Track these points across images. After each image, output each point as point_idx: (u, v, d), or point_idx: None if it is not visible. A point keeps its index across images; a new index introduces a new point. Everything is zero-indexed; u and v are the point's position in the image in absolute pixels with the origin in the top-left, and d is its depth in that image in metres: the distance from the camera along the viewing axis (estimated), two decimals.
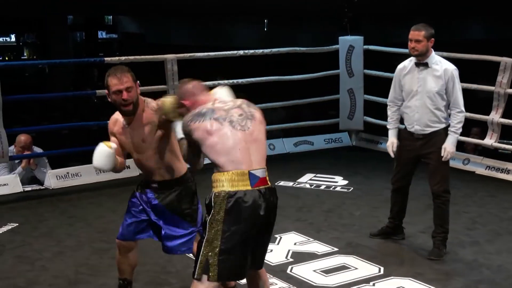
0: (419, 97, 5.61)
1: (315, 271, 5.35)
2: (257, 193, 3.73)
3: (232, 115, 3.79)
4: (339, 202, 7.28)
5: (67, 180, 8.06)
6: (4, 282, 5.23)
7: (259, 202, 3.72)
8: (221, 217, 3.69)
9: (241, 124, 3.77)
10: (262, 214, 3.73)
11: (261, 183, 3.77)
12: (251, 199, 3.70)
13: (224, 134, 3.73)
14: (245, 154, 3.75)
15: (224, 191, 3.70)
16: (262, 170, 3.80)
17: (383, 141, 9.69)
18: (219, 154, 3.74)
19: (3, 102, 7.55)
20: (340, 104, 9.92)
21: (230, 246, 3.69)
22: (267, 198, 3.77)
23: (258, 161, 3.81)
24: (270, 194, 3.81)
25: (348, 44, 9.67)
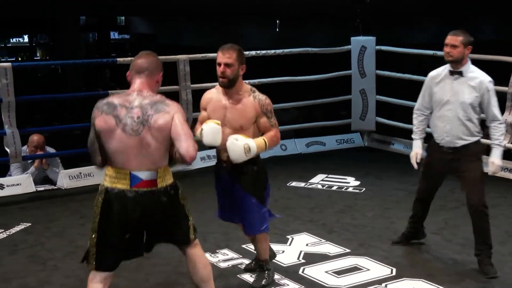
0: (451, 107, 5.26)
1: (327, 272, 5.34)
2: (134, 194, 3.86)
3: (129, 117, 3.84)
4: (351, 203, 7.27)
5: (80, 180, 8.08)
6: (17, 281, 5.24)
7: (132, 204, 3.86)
8: (98, 208, 3.91)
9: (134, 129, 3.84)
10: (135, 215, 3.86)
11: (142, 185, 3.87)
12: (123, 201, 3.86)
13: (115, 135, 3.85)
14: (131, 156, 3.86)
15: (103, 185, 3.94)
16: (148, 173, 3.88)
17: (395, 141, 9.68)
18: (109, 150, 3.90)
19: (16, 102, 7.58)
20: (352, 104, 9.91)
21: (104, 239, 3.89)
22: (145, 201, 3.87)
23: (145, 164, 3.87)
24: (151, 196, 3.88)
25: (360, 44, 9.65)
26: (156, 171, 3.90)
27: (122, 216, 3.88)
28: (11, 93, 7.49)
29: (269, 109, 4.84)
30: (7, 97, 7.48)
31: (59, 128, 9.92)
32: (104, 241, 3.91)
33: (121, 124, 3.84)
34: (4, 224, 6.66)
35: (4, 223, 6.68)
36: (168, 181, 3.98)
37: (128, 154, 3.85)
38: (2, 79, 7.43)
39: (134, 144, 3.84)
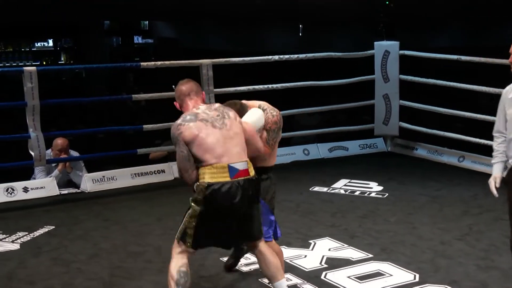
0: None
1: (350, 277, 5.32)
2: (235, 183, 4.29)
3: (211, 117, 4.37)
4: (374, 208, 7.24)
5: (103, 184, 8.13)
6: (41, 284, 5.28)
7: (234, 192, 4.29)
8: (200, 201, 4.30)
9: (219, 123, 4.36)
10: (235, 202, 4.29)
11: (240, 174, 4.32)
12: (226, 189, 4.28)
13: (207, 133, 4.31)
14: (224, 149, 4.32)
15: (204, 182, 4.29)
16: (243, 163, 4.35)
17: (418, 147, 9.64)
18: (204, 151, 4.31)
19: (41, 106, 7.63)
20: (375, 109, 9.88)
21: (204, 225, 4.34)
22: (245, 189, 4.32)
23: (238, 155, 4.36)
24: (248, 184, 4.34)
25: (383, 49, 9.62)
26: (247, 162, 4.39)
27: (224, 205, 4.31)
28: (36, 96, 7.54)
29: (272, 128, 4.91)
30: (32, 100, 7.53)
31: (83, 132, 9.95)
32: (203, 227, 4.35)
33: (208, 123, 4.35)
34: (28, 226, 6.71)
35: (28, 226, 6.73)
36: (253, 171, 4.44)
37: (223, 146, 4.33)
38: (27, 83, 7.48)
39: (224, 135, 4.34)
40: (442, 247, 5.96)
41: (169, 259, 5.55)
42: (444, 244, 6.03)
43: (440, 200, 7.51)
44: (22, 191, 7.78)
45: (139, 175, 8.40)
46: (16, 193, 7.74)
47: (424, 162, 9.36)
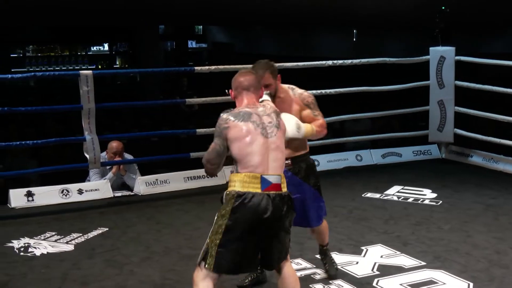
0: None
1: (402, 284, 5.26)
2: (265, 196, 4.03)
3: (263, 122, 4.14)
4: (427, 215, 7.16)
5: (156, 187, 8.19)
6: (94, 285, 5.34)
7: (265, 205, 4.01)
8: (227, 213, 4.03)
9: (268, 131, 4.13)
10: (266, 217, 4.01)
11: (272, 188, 4.06)
12: (257, 201, 4.01)
13: (252, 138, 4.08)
14: (263, 159, 4.08)
15: (234, 190, 4.05)
16: (277, 177, 4.10)
17: (473, 154, 9.50)
18: (244, 156, 4.08)
19: (96, 109, 7.72)
20: (430, 115, 9.77)
21: (229, 242, 4.02)
22: (276, 203, 4.04)
23: (274, 168, 4.11)
24: (280, 200, 4.07)
25: (439, 54, 9.51)
26: (281, 176, 4.14)
27: (253, 218, 4.03)
28: (92, 100, 7.63)
29: (310, 101, 5.08)
30: (88, 104, 7.63)
31: (137, 135, 10.05)
32: (227, 245, 4.04)
33: (258, 128, 4.12)
34: (82, 228, 6.80)
35: (82, 228, 6.82)
36: (285, 187, 4.19)
37: (262, 156, 4.09)
38: (83, 86, 7.59)
39: (268, 145, 4.11)
40: (497, 256, 5.86)
41: None
42: (500, 253, 5.93)
43: (496, 209, 7.39)
44: (77, 193, 7.89)
45: (192, 179, 8.45)
46: (71, 195, 7.85)
47: (479, 169, 9.22)
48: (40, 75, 8.37)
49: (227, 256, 4.04)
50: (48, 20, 17.30)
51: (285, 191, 4.14)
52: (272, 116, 4.21)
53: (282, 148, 4.19)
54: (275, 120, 4.20)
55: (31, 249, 6.20)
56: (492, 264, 5.68)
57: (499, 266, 5.65)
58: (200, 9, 15.67)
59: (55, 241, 6.44)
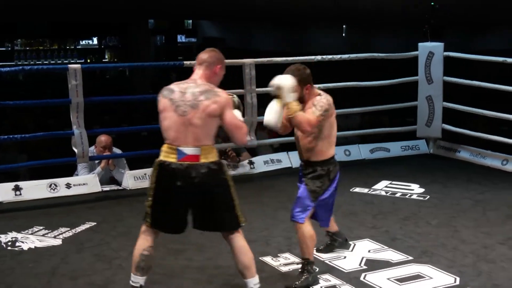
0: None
1: (389, 279, 5.29)
2: (178, 165, 4.43)
3: (183, 99, 4.45)
4: (415, 210, 7.19)
5: (145, 181, 8.16)
6: (83, 279, 5.34)
7: (178, 174, 4.43)
8: (153, 178, 4.56)
9: (183, 110, 4.42)
10: (179, 184, 4.43)
11: (187, 159, 4.43)
12: (171, 170, 4.45)
13: (166, 114, 4.47)
14: (179, 134, 4.43)
15: (158, 159, 4.53)
16: (193, 149, 4.43)
17: (461, 149, 9.54)
18: (163, 129, 4.51)
19: (85, 103, 7.71)
20: (418, 111, 9.80)
21: (157, 204, 4.55)
22: (187, 172, 4.42)
23: (190, 141, 4.43)
24: (193, 169, 4.43)
25: (428, 50, 9.54)
26: (200, 149, 4.44)
27: (170, 185, 4.47)
28: (80, 94, 7.62)
29: (316, 103, 5.12)
30: (76, 98, 7.61)
31: (126, 130, 10.04)
32: (158, 205, 4.56)
33: (173, 105, 4.45)
34: (70, 223, 6.79)
35: (71, 222, 6.81)
36: (211, 159, 4.48)
37: (177, 131, 4.44)
38: (72, 80, 7.57)
39: (182, 122, 4.42)
40: (485, 251, 5.90)
41: (209, 257, 5.60)
42: (487, 248, 5.97)
43: (483, 204, 7.43)
44: (65, 187, 7.87)
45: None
46: (59, 189, 7.83)
47: (467, 164, 9.26)
48: (29, 69, 8.35)
49: (158, 215, 4.57)
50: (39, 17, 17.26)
51: (204, 162, 4.44)
52: (197, 94, 4.45)
53: (198, 124, 4.41)
54: (196, 100, 4.43)
55: (18, 243, 6.19)
56: (480, 259, 5.71)
57: (486, 261, 5.68)
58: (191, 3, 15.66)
59: (43, 235, 6.43)
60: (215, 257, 5.76)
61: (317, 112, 5.06)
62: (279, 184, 8.22)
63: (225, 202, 4.56)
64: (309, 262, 5.19)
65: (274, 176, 8.70)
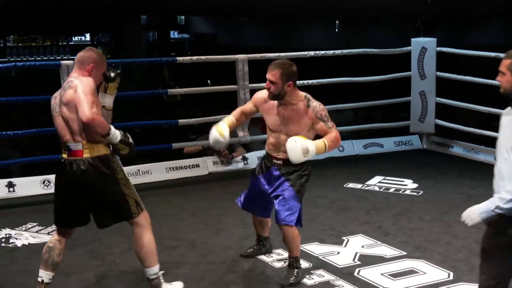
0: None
1: (383, 274, 5.30)
2: (66, 161, 4.59)
3: (55, 103, 4.66)
4: (408, 206, 7.21)
5: (138, 178, 8.17)
6: (76, 276, 5.34)
7: (64, 169, 4.60)
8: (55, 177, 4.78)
9: (56, 110, 4.62)
10: (64, 178, 4.62)
11: (72, 154, 4.56)
12: (61, 165, 4.64)
13: (53, 113, 4.67)
14: (64, 131, 4.58)
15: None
16: (76, 144, 4.55)
17: (454, 144, 9.56)
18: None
19: None
20: (411, 106, 9.81)
21: (56, 199, 4.74)
22: (69, 167, 4.55)
23: (73, 136, 4.55)
24: (75, 163, 4.54)
25: (420, 46, 9.55)
26: (81, 143, 4.54)
27: (60, 181, 4.68)
28: None
29: (323, 114, 5.06)
30: None
31: (119, 126, 9.99)
32: (57, 203, 4.75)
33: (52, 110, 4.68)
34: None
35: None
36: (95, 153, 4.57)
37: (61, 129, 4.60)
38: (65, 76, 7.56)
39: (60, 120, 4.59)
40: (477, 246, 5.87)
41: (202, 253, 5.60)
42: (479, 243, 5.97)
43: (476, 199, 7.36)
44: None
45: (174, 169, 8.44)
46: (52, 185, 7.80)
47: (460, 160, 9.27)
48: (21, 65, 8.37)
49: (58, 211, 4.75)
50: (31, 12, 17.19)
51: (86, 156, 4.54)
52: (62, 90, 4.62)
53: (70, 118, 4.52)
54: (59, 99, 4.60)
55: (12, 240, 6.19)
56: (472, 254, 5.72)
57: (479, 255, 5.68)
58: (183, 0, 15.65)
59: (36, 232, 6.43)
60: (208, 254, 5.76)
61: (330, 124, 5.06)
62: None
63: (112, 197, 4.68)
64: (298, 259, 5.22)
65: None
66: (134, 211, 4.79)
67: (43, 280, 4.78)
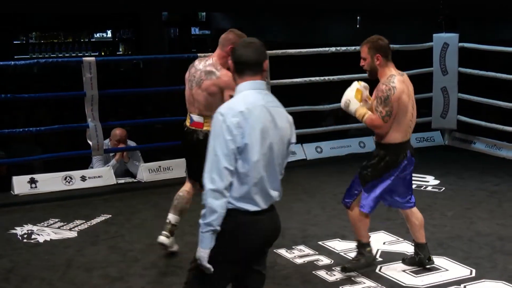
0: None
1: (405, 271, 5.28)
2: (188, 129, 5.49)
3: (194, 76, 5.42)
4: (430, 202, 7.16)
5: (159, 174, 8.19)
6: (98, 271, 5.36)
7: (186, 134, 5.50)
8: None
9: (192, 85, 5.41)
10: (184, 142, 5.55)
11: (193, 125, 5.44)
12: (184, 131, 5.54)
13: (186, 87, 5.53)
14: (190, 104, 5.47)
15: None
16: (198, 117, 5.40)
17: (476, 141, 9.49)
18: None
19: (100, 96, 7.72)
20: (433, 102, 9.75)
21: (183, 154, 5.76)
22: (189, 134, 5.46)
23: (197, 109, 5.40)
24: (193, 132, 5.42)
25: (442, 41, 9.49)
26: (203, 118, 5.34)
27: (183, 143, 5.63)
28: (95, 87, 7.63)
29: (380, 95, 5.03)
30: (91, 90, 7.63)
31: (141, 122, 10.06)
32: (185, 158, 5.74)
33: (188, 81, 5.49)
34: (86, 215, 6.82)
35: (86, 214, 6.84)
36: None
37: (189, 102, 5.48)
38: (86, 73, 7.58)
39: (190, 94, 5.43)
40: (500, 243, 5.87)
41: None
42: (503, 240, 5.94)
43: (499, 195, 7.40)
44: (80, 180, 7.90)
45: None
46: (74, 181, 7.86)
47: (483, 156, 9.21)
48: (43, 61, 8.39)
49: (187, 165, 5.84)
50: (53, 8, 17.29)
51: (204, 129, 5.32)
52: (201, 73, 5.36)
53: (200, 97, 5.33)
54: (201, 75, 5.34)
55: (34, 235, 6.23)
56: (495, 251, 5.70)
57: (502, 252, 5.66)
58: None
59: (58, 228, 6.46)
60: None
61: (380, 108, 5.02)
62: (293, 176, 8.20)
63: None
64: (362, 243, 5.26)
65: (288, 168, 8.66)
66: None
67: (170, 221, 5.65)
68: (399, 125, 5.07)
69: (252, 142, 3.32)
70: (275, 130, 3.41)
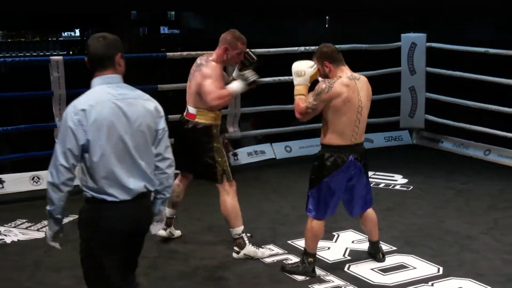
0: None
1: (373, 269, 5.31)
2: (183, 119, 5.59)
3: (192, 70, 5.58)
4: (399, 201, 7.21)
5: None
6: (67, 272, 5.32)
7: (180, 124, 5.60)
8: None
9: (189, 78, 5.58)
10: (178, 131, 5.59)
11: (187, 115, 5.56)
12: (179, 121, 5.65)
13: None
14: (187, 96, 5.59)
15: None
16: (192, 108, 5.52)
17: (444, 140, 9.57)
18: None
19: (69, 95, 7.66)
20: (401, 102, 9.81)
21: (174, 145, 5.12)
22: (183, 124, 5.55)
23: (190, 102, 5.54)
24: (185, 122, 5.53)
25: (410, 41, 9.55)
26: (196, 109, 5.47)
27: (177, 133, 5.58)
28: (62, 86, 7.58)
29: (316, 88, 5.10)
30: (58, 90, 7.57)
31: None
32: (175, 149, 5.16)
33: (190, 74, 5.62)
34: None
35: None
36: (202, 120, 5.47)
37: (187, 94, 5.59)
38: (54, 72, 7.53)
39: (188, 87, 5.59)
40: (468, 241, 5.93)
41: (193, 248, 5.61)
42: (470, 238, 6.00)
43: (466, 194, 7.47)
44: None
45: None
46: (41, 182, 7.78)
47: (450, 155, 9.29)
48: (10, 61, 8.31)
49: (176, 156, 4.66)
50: (20, 8, 17.15)
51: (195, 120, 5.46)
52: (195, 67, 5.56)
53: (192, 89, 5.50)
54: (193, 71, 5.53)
55: (1, 236, 6.17)
56: (463, 249, 5.75)
57: (469, 251, 5.71)
58: None
59: (26, 228, 6.41)
60: (198, 249, 5.76)
61: (311, 99, 5.05)
62: (263, 176, 8.22)
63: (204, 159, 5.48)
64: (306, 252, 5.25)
65: (258, 167, 8.70)
66: (218, 178, 5.45)
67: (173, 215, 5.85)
68: (334, 127, 5.03)
69: (95, 138, 3.38)
70: (127, 122, 3.46)
